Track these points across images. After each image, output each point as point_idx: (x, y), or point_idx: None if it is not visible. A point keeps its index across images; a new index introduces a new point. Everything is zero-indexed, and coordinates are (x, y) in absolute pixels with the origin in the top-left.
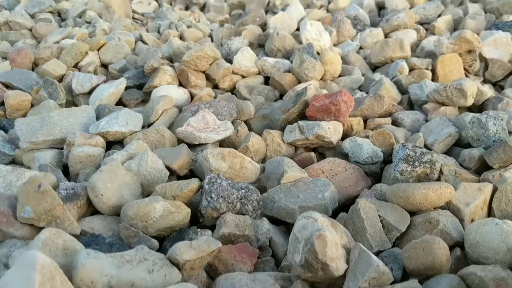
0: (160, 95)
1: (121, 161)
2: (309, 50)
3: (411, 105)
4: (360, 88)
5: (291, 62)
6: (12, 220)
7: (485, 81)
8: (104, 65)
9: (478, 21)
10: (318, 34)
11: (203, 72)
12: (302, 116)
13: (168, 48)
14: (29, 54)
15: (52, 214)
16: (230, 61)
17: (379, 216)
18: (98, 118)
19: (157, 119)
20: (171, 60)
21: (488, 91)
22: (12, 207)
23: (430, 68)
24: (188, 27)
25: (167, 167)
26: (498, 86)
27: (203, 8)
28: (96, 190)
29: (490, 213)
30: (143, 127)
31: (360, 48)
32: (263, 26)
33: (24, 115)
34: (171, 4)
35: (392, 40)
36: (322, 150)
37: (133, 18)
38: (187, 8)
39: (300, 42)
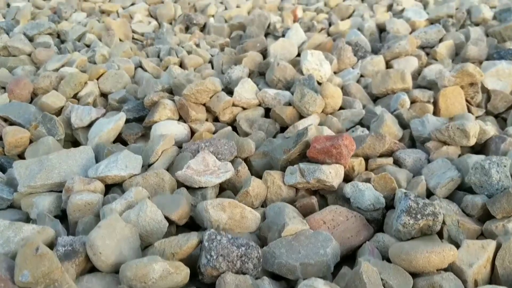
0: (160, 133)
1: (120, 210)
2: (310, 82)
3: (412, 140)
4: (361, 121)
5: (292, 93)
6: (10, 284)
7: (487, 113)
8: (104, 94)
9: (480, 47)
10: (318, 63)
11: (204, 104)
12: (303, 155)
13: (168, 77)
14: (28, 85)
15: (50, 277)
16: (230, 90)
17: (382, 279)
18: (97, 158)
19: (157, 159)
20: (171, 91)
21: (491, 129)
22: (10, 269)
23: (431, 100)
24: (188, 52)
25: (166, 218)
26: (500, 118)
27: (203, 28)
28: (94, 248)
29: (493, 270)
30: (143, 166)
31: (361, 76)
32: (264, 52)
33: (23, 152)
34: (171, 24)
35: (393, 71)
36: (323, 192)
37: (133, 38)
38: (187, 28)
39: (301, 72)
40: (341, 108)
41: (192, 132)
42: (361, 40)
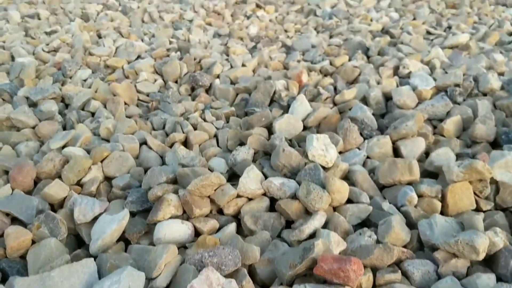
0: (163, 235)
1: None
2: (315, 173)
3: (420, 242)
4: (368, 217)
5: (298, 183)
6: None
7: (496, 206)
8: (108, 178)
9: (488, 126)
10: (324, 148)
11: (208, 196)
12: (310, 268)
13: (173, 158)
14: (31, 171)
15: None
16: (234, 172)
17: None
18: (99, 270)
19: (160, 273)
20: (175, 180)
21: (500, 242)
22: None
23: (439, 196)
24: (194, 126)
25: None
26: (509, 211)
27: (209, 89)
28: None
29: None
30: (146, 278)
31: (368, 157)
32: (269, 126)
33: (25, 253)
34: (176, 82)
35: (400, 162)
36: None
37: (138, 99)
38: (193, 89)
39: (306, 156)
40: (348, 200)
41: (196, 231)
42: (367, 117)
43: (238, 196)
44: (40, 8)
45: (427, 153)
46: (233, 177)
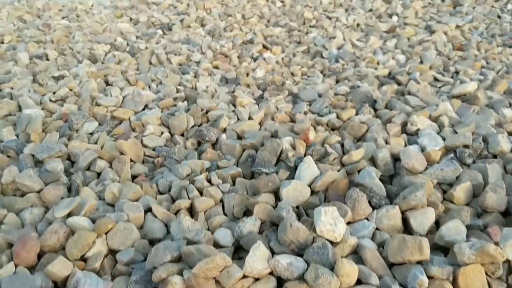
0: None
1: None
2: (324, 252)
3: None
4: None
5: (306, 262)
6: None
7: (508, 287)
8: (112, 250)
9: (499, 195)
10: (332, 223)
11: (214, 277)
12: None
13: (177, 227)
14: (35, 246)
15: None
16: (240, 245)
17: None
18: None
19: None
20: (180, 257)
21: None
22: None
23: (451, 278)
24: (199, 191)
25: None
26: None
27: (215, 143)
28: None
29: None
30: None
31: (377, 229)
32: (276, 190)
33: None
34: (183, 135)
35: (410, 240)
36: None
37: (145, 154)
38: (199, 144)
39: (314, 230)
40: (357, 282)
41: None
42: (375, 185)
43: (244, 276)
44: (49, 48)
45: (437, 222)
46: (239, 249)
